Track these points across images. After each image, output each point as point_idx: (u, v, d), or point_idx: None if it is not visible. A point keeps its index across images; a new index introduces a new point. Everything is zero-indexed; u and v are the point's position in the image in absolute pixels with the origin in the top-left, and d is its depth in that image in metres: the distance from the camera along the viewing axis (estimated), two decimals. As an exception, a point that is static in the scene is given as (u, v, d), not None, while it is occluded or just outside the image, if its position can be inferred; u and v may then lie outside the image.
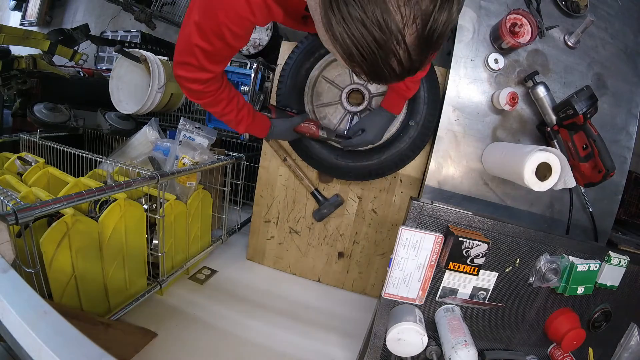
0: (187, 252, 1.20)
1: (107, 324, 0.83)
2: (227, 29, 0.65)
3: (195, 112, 1.71)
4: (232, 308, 1.11)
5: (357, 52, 0.40)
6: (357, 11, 0.37)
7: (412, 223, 0.82)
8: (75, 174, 1.10)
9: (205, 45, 0.68)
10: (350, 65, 0.43)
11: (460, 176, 1.06)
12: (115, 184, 0.85)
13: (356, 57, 0.40)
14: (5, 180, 0.98)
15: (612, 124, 1.03)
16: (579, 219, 1.04)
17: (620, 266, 0.84)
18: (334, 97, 1.19)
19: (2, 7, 3.20)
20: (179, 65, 0.75)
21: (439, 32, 0.39)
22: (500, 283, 0.84)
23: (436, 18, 0.37)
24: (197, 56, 0.71)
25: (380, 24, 0.37)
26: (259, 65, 1.38)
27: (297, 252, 1.34)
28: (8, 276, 0.52)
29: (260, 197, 1.33)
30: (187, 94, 0.84)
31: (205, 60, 0.72)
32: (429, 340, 0.81)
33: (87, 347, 0.43)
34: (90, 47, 2.20)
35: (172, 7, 2.30)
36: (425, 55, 0.40)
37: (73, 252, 0.79)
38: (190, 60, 0.72)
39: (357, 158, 1.14)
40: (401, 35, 0.38)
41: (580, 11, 1.01)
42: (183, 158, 1.19)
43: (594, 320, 0.89)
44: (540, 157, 0.81)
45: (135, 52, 1.41)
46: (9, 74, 1.46)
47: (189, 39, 0.68)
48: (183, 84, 0.79)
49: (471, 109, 1.05)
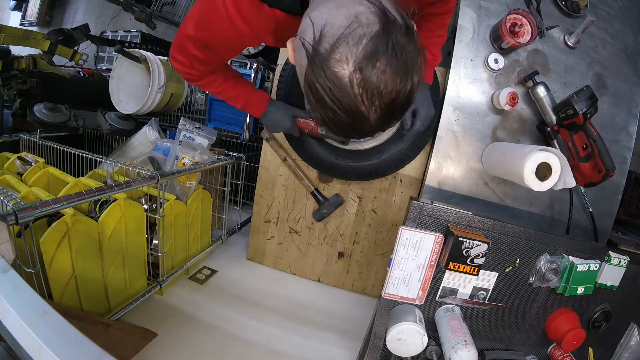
0: (187, 252, 1.20)
1: (107, 324, 0.83)
2: (219, 47, 0.72)
3: (195, 112, 1.71)
4: (232, 308, 1.11)
5: (330, 121, 0.47)
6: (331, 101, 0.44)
7: (412, 223, 0.82)
8: (75, 174, 1.10)
9: (199, 54, 0.73)
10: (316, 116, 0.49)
11: (460, 176, 1.06)
12: (115, 184, 0.84)
13: (329, 124, 0.47)
14: (5, 180, 0.98)
15: (612, 124, 1.03)
16: (579, 219, 1.04)
17: (620, 266, 0.84)
18: (334, 97, 1.19)
19: (2, 7, 3.20)
20: (173, 59, 0.81)
21: (400, 105, 0.45)
22: (500, 283, 0.84)
23: (395, 96, 0.43)
24: (192, 62, 0.77)
25: (349, 111, 0.44)
26: (259, 65, 1.38)
27: (297, 252, 1.34)
28: (8, 276, 0.52)
29: (260, 197, 1.33)
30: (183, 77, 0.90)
31: (200, 65, 0.79)
32: (429, 340, 0.81)
33: (87, 347, 0.43)
34: (90, 47, 2.20)
35: (172, 7, 2.30)
36: (390, 122, 0.47)
37: (73, 252, 0.78)
38: (184, 60, 0.78)
39: (357, 158, 1.14)
40: (367, 116, 0.44)
41: (580, 11, 1.01)
42: (183, 158, 1.19)
43: (594, 320, 0.89)
44: (540, 157, 0.81)
45: (135, 52, 1.41)
46: (9, 74, 1.46)
47: (184, 46, 0.73)
48: (178, 69, 0.84)
49: (471, 109, 1.05)
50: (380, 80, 0.42)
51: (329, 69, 0.42)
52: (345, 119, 0.45)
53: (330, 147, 1.15)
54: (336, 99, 0.43)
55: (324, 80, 0.42)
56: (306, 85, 0.45)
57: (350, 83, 0.42)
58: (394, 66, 0.42)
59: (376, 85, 0.42)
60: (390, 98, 0.43)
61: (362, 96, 0.42)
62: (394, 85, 0.43)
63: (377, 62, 0.41)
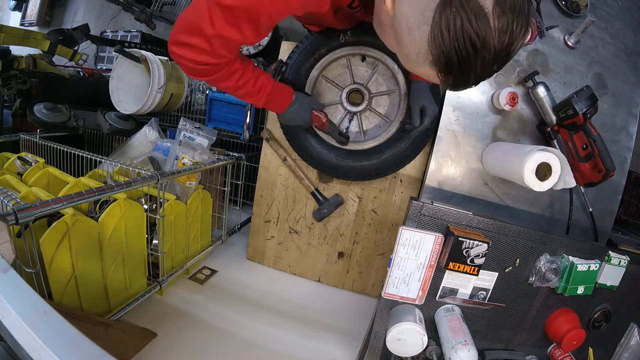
0: (187, 252, 1.20)
1: (107, 324, 0.83)
2: (266, 15, 0.59)
3: (195, 112, 1.71)
4: (232, 308, 1.11)
5: (455, 58, 0.45)
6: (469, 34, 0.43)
7: (412, 223, 0.82)
8: (75, 174, 1.10)
9: (231, 33, 0.60)
10: (436, 64, 0.48)
11: (460, 176, 1.06)
12: (115, 184, 0.84)
13: (450, 62, 0.46)
14: (5, 180, 0.98)
15: (612, 124, 1.03)
16: (579, 219, 1.04)
17: (620, 266, 0.84)
18: (334, 97, 1.19)
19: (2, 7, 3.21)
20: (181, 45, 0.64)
21: (514, 49, 0.46)
22: (500, 283, 0.84)
23: (518, 40, 0.45)
24: (214, 45, 0.62)
25: (482, 45, 0.44)
26: (259, 65, 1.38)
27: (297, 252, 1.34)
28: (8, 276, 0.52)
29: (260, 197, 1.33)
30: (187, 72, 0.72)
31: (223, 49, 0.64)
32: (429, 340, 0.81)
33: (87, 347, 0.43)
34: (90, 47, 2.20)
35: (172, 7, 2.30)
36: (499, 67, 0.48)
37: (73, 252, 0.78)
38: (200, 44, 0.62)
39: (357, 158, 1.14)
40: (492, 56, 0.45)
41: (580, 11, 1.01)
42: (183, 158, 1.19)
43: (594, 320, 0.89)
44: (540, 157, 0.81)
45: (135, 52, 1.41)
46: (9, 74, 1.46)
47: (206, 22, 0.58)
48: (183, 63, 0.68)
49: (471, 109, 1.05)
50: (513, 15, 0.43)
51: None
52: (473, 55, 0.44)
53: (330, 147, 1.15)
54: (474, 31, 0.43)
55: (467, 10, 0.42)
56: (440, 17, 0.44)
57: (492, 15, 0.43)
58: (521, 1, 0.44)
59: (510, 20, 0.43)
60: (515, 35, 0.44)
61: (498, 30, 0.43)
62: (522, 22, 0.44)
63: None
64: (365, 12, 0.74)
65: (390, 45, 0.56)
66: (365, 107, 1.16)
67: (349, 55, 1.15)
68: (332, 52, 1.13)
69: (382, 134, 1.14)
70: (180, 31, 0.63)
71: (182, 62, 0.68)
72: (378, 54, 1.11)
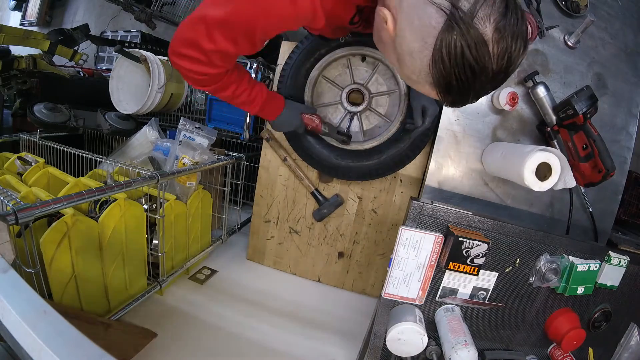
0: (187, 252, 1.20)
1: (107, 324, 0.83)
2: (261, 29, 0.61)
3: (195, 112, 1.70)
4: (232, 308, 1.11)
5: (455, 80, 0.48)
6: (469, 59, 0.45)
7: (412, 223, 0.82)
8: (75, 174, 1.10)
9: (227, 46, 0.63)
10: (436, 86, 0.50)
11: (460, 176, 1.06)
12: (115, 184, 0.84)
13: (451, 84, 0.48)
14: (5, 180, 0.98)
15: (612, 124, 1.03)
16: (579, 219, 1.04)
17: (620, 266, 0.84)
18: (334, 97, 1.19)
19: (2, 7, 3.21)
20: (181, 57, 0.68)
21: (514, 67, 0.48)
22: (500, 283, 0.84)
23: (515, 63, 0.47)
24: (211, 57, 0.66)
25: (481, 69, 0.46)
26: (259, 65, 1.39)
27: (297, 252, 1.34)
28: (8, 276, 0.52)
29: (260, 197, 1.32)
30: (189, 82, 0.78)
31: (220, 60, 0.68)
32: (429, 340, 0.81)
33: (87, 347, 0.43)
34: (90, 47, 2.20)
35: (172, 7, 2.30)
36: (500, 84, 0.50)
37: (73, 252, 0.78)
38: (199, 56, 0.66)
39: (357, 158, 1.14)
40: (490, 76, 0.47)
41: (580, 11, 1.01)
42: (183, 158, 1.19)
43: (594, 320, 0.89)
44: (540, 157, 0.81)
45: (135, 52, 1.41)
46: (9, 74, 1.46)
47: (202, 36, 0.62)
48: (184, 73, 0.73)
49: (471, 109, 1.05)
50: (512, 40, 0.45)
51: (473, 27, 0.44)
52: (472, 79, 0.47)
53: (330, 147, 1.15)
54: (474, 58, 0.45)
55: (468, 38, 0.44)
56: (441, 44, 0.45)
57: (491, 42, 0.44)
58: (519, 25, 0.45)
59: (509, 45, 0.45)
60: (513, 59, 0.46)
61: (497, 56, 0.45)
62: (520, 46, 0.46)
63: (508, 22, 0.45)
64: (367, 25, 0.74)
65: (391, 61, 0.58)
66: (365, 107, 1.16)
67: (349, 56, 1.15)
68: (332, 52, 1.13)
69: (382, 134, 1.14)
70: (179, 43, 0.67)
71: (183, 72, 0.72)
72: (378, 54, 1.11)
